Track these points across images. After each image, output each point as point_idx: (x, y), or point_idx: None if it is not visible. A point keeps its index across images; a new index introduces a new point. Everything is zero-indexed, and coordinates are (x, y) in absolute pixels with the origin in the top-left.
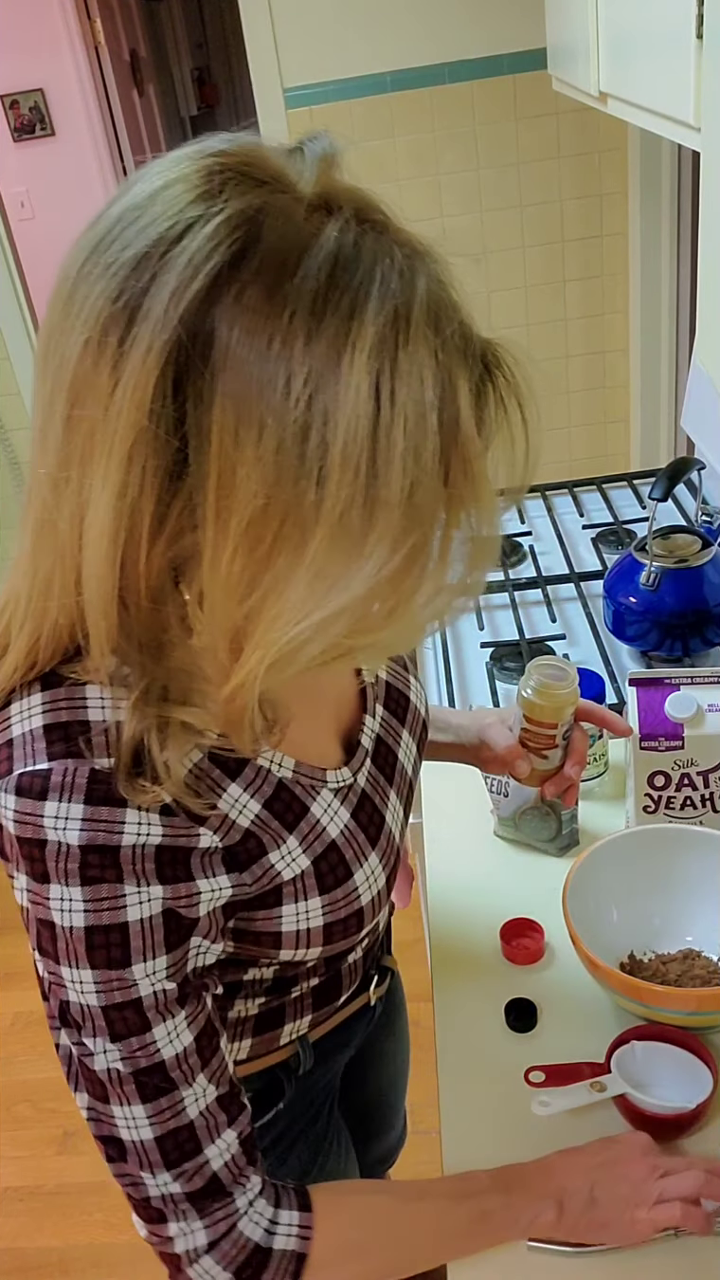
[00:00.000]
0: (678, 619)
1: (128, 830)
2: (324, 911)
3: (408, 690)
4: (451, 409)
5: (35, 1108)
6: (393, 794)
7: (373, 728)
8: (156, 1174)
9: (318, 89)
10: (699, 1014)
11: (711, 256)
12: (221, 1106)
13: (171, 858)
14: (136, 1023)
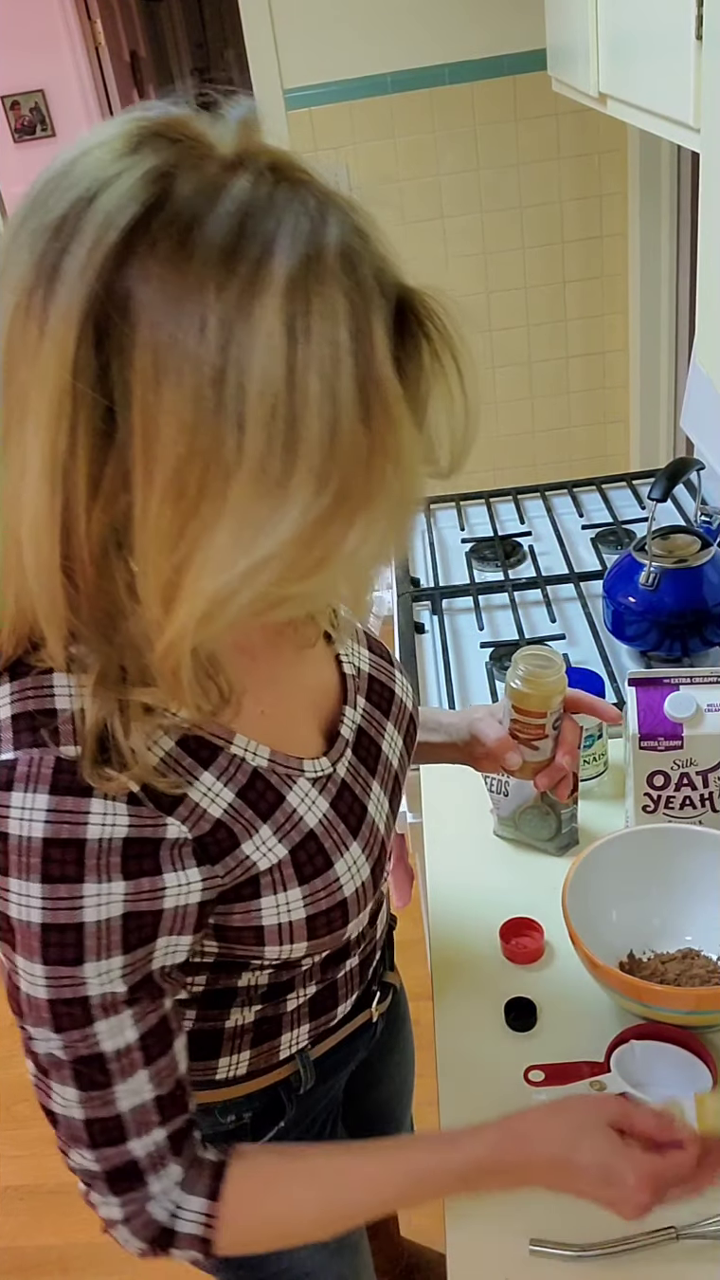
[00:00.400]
0: (677, 619)
1: (92, 822)
2: (305, 903)
3: (392, 684)
4: (367, 350)
5: (36, 1107)
6: (375, 785)
7: (354, 719)
8: (81, 1150)
9: (318, 90)
10: (698, 1013)
11: (711, 257)
12: (158, 1106)
13: (139, 851)
14: (81, 1017)
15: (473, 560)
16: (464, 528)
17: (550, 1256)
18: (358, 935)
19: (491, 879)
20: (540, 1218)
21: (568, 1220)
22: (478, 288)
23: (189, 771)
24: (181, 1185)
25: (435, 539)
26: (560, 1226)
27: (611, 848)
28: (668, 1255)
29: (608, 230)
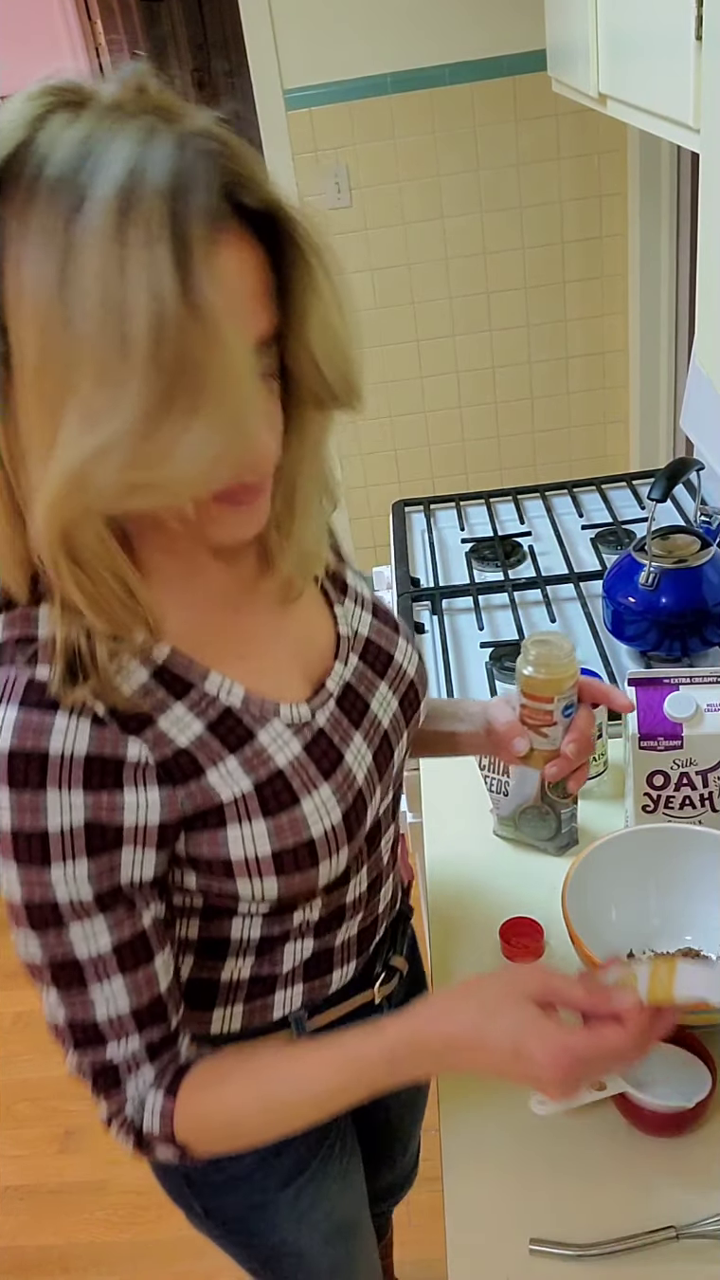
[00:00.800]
0: (677, 619)
1: (54, 736)
2: (270, 836)
3: (392, 649)
4: (188, 262)
5: (36, 1106)
6: (358, 737)
7: (343, 674)
8: (69, 1051)
9: (318, 90)
10: (698, 1013)
11: (711, 257)
12: (135, 1017)
13: (100, 768)
14: (53, 919)
15: (473, 560)
16: (464, 528)
17: (550, 1256)
18: (355, 900)
19: (491, 879)
20: (540, 1218)
21: (568, 1220)
22: (478, 288)
23: (162, 703)
24: (153, 1085)
25: (435, 539)
26: (560, 1226)
27: (611, 848)
28: (668, 1255)
29: (608, 230)
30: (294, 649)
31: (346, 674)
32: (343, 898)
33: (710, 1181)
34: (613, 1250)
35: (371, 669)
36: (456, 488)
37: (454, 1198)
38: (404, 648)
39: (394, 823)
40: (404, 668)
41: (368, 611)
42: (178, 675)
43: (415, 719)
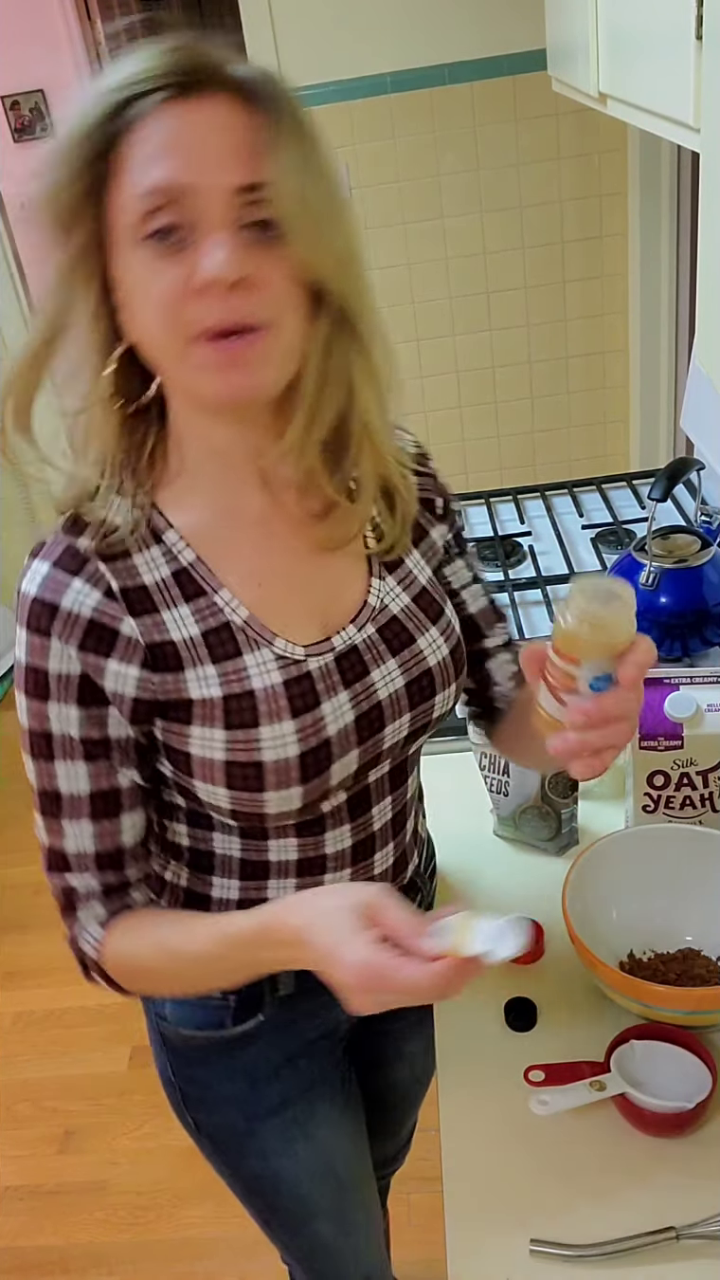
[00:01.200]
0: (677, 619)
1: (68, 594)
2: (225, 747)
3: (417, 635)
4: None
5: (36, 1107)
6: (344, 695)
7: (353, 637)
8: (46, 872)
9: (318, 90)
10: (698, 1013)
11: (711, 257)
12: (95, 859)
13: (98, 633)
14: (45, 750)
15: None
16: (464, 528)
17: (550, 1257)
18: (336, 855)
19: (491, 879)
20: (540, 1218)
21: (568, 1220)
22: (478, 288)
23: (174, 600)
24: (98, 918)
25: None
26: (560, 1226)
27: (611, 848)
28: (668, 1255)
29: (608, 230)
30: (315, 598)
31: (357, 638)
32: (321, 847)
33: (710, 1182)
34: (613, 1250)
35: (386, 643)
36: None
37: (454, 1198)
38: (433, 638)
39: (393, 798)
40: (424, 655)
41: (410, 594)
42: (194, 580)
43: (428, 706)
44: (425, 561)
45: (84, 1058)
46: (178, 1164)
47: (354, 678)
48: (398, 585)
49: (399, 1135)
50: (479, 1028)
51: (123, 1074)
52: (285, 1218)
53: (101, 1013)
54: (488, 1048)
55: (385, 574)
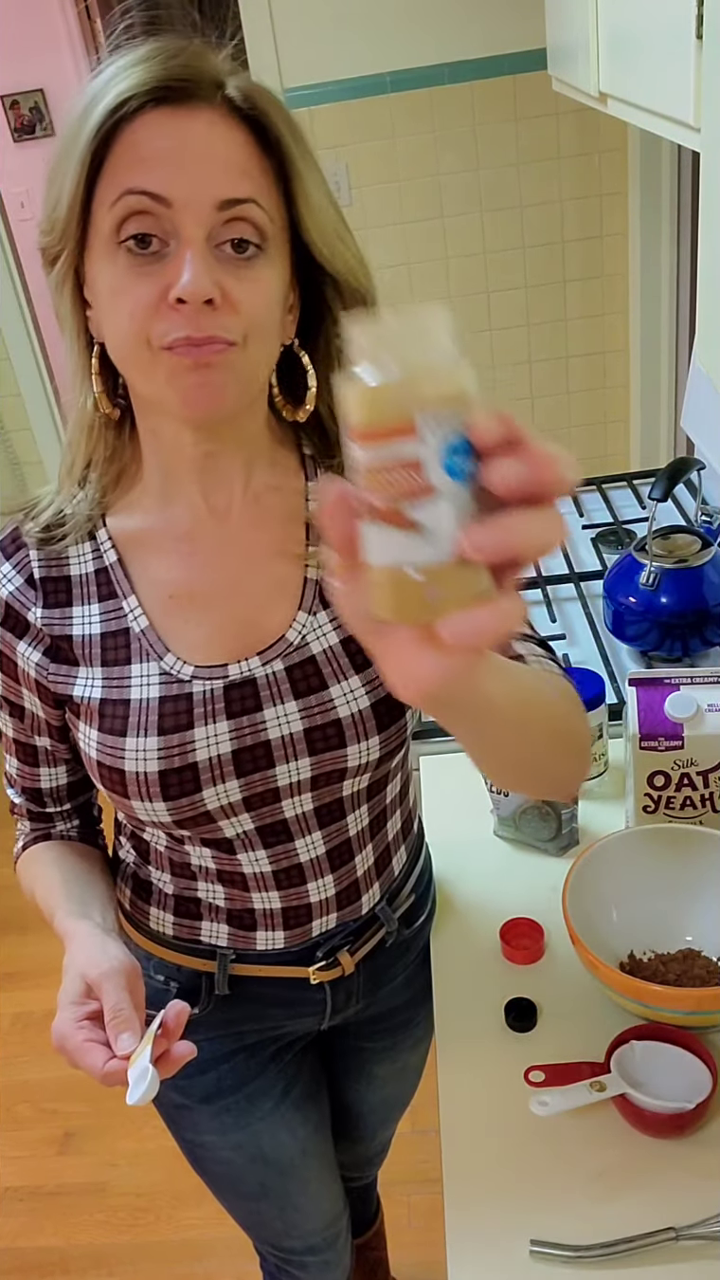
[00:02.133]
0: (677, 619)
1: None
2: (97, 747)
3: (331, 683)
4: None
5: (35, 1108)
6: (224, 725)
7: (254, 669)
8: None
9: (318, 89)
10: (698, 1014)
11: (711, 257)
12: (22, 790)
13: (13, 615)
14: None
15: None
16: None
17: (550, 1257)
18: (255, 876)
19: (492, 880)
20: (540, 1218)
21: (568, 1220)
22: (478, 288)
23: (88, 596)
24: (28, 835)
25: None
26: (560, 1226)
27: (611, 848)
28: (668, 1255)
29: (608, 230)
30: (227, 622)
31: (258, 671)
32: (237, 866)
33: (710, 1182)
34: (612, 1251)
35: (292, 683)
36: None
37: (454, 1198)
38: (351, 687)
39: (324, 834)
40: (333, 703)
41: (340, 634)
42: (111, 581)
43: (335, 755)
44: None
45: None
46: (177, 1165)
47: (241, 710)
48: (329, 623)
49: (369, 1144)
50: (479, 1028)
51: None
52: (222, 1188)
53: None
54: (488, 1048)
55: (320, 609)
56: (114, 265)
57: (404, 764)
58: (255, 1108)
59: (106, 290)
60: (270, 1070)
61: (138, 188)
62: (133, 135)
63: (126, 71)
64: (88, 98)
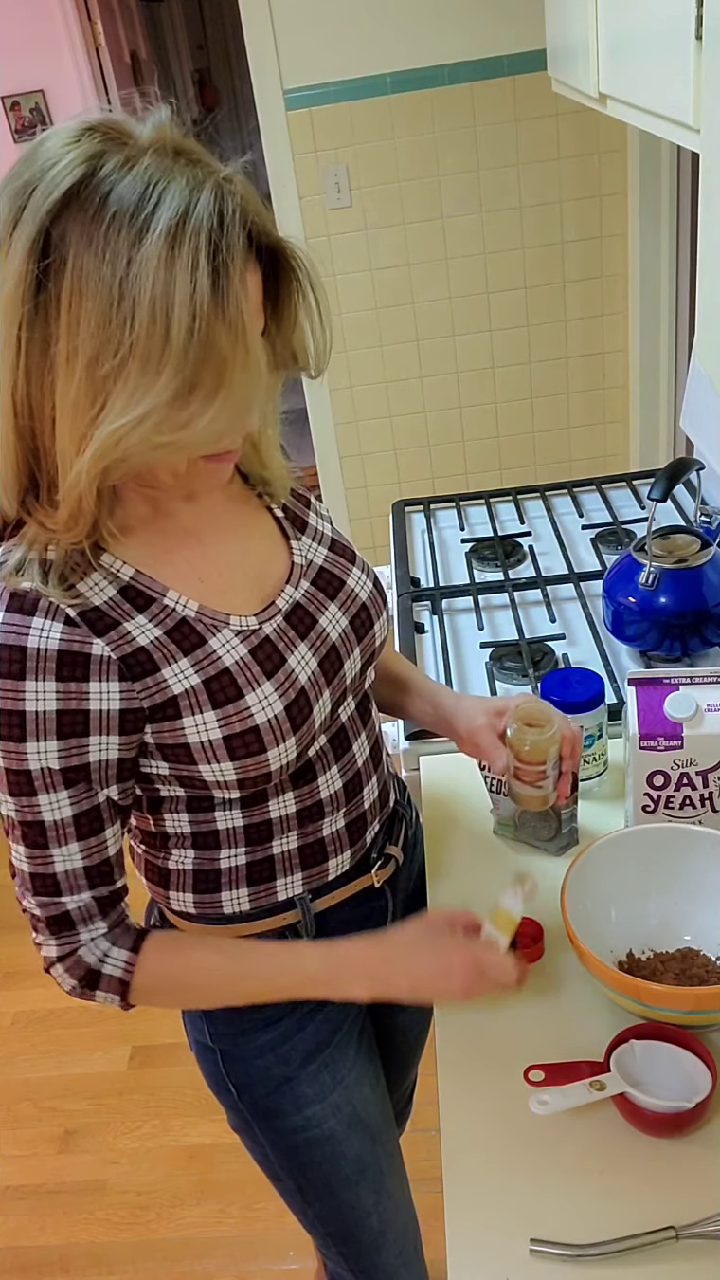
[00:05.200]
0: (677, 619)
1: (31, 634)
2: (219, 724)
3: (344, 576)
4: (224, 280)
5: (36, 1107)
6: (303, 646)
7: (293, 596)
8: (29, 896)
9: (318, 90)
10: (698, 1013)
11: (711, 257)
12: (86, 874)
13: (71, 661)
14: (26, 786)
15: (473, 560)
16: (464, 528)
17: (550, 1257)
18: (331, 797)
19: (492, 879)
20: (540, 1218)
21: (568, 1219)
22: (478, 288)
23: (127, 613)
24: (107, 938)
25: (435, 539)
26: (560, 1226)
27: (611, 848)
28: (668, 1255)
29: (608, 230)
30: (251, 575)
31: (297, 595)
32: (316, 794)
33: (710, 1181)
34: (612, 1250)
35: (322, 592)
36: (456, 488)
37: (454, 1198)
38: (357, 576)
39: (365, 732)
40: (355, 592)
41: (324, 546)
42: (141, 591)
43: (370, 636)
44: (322, 520)
45: (84, 1058)
46: (177, 1164)
47: (306, 629)
48: (312, 541)
49: (401, 1087)
50: (479, 1028)
51: (123, 1074)
52: (322, 1179)
53: (102, 1012)
54: (487, 1047)
55: (299, 535)
56: None
57: None
58: (344, 1058)
59: None
60: (351, 1011)
61: None
62: None
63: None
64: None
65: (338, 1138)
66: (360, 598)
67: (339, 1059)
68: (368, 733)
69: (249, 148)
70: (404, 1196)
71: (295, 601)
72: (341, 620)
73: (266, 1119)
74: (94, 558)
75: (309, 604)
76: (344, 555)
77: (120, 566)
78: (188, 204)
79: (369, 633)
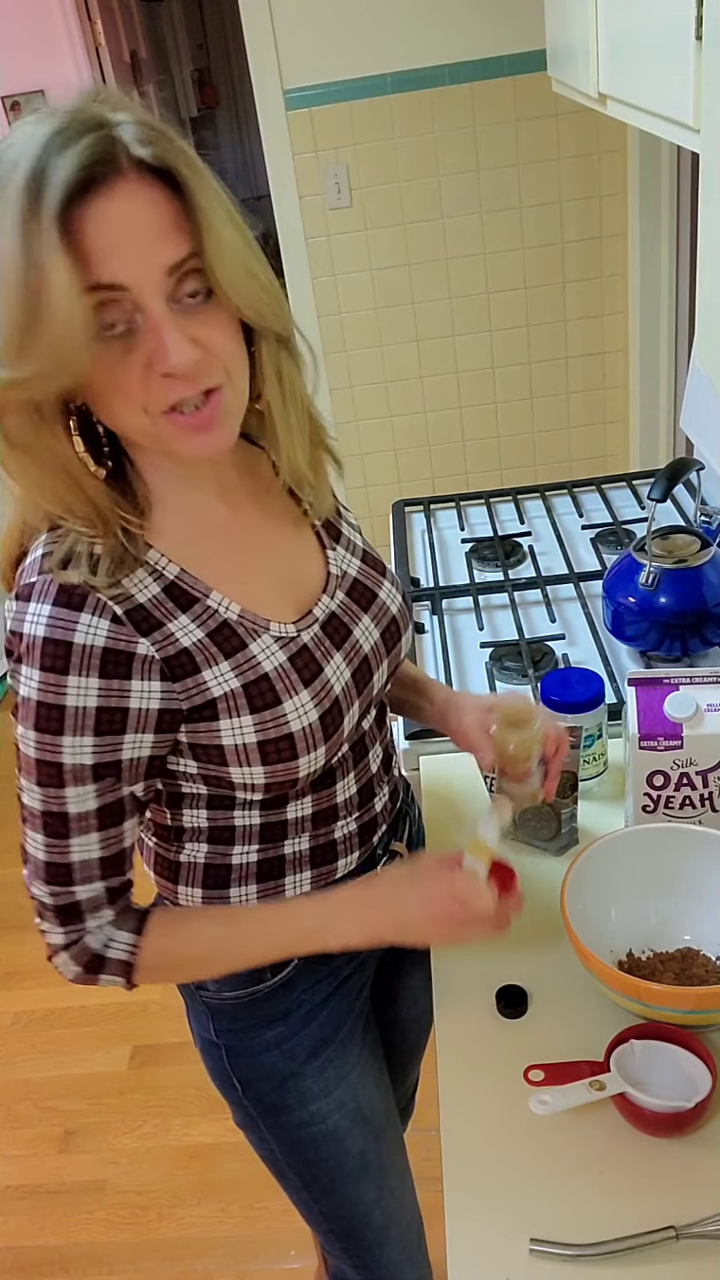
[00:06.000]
0: (677, 619)
1: (79, 630)
2: (255, 729)
3: (377, 589)
4: (29, 224)
5: (36, 1106)
6: (338, 656)
7: (329, 605)
8: (39, 884)
9: (318, 90)
10: (698, 1012)
11: (711, 257)
12: (101, 865)
13: (114, 659)
14: (56, 778)
15: (473, 560)
16: (464, 528)
17: (550, 1256)
18: (346, 801)
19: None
20: (540, 1218)
21: (568, 1220)
22: (478, 288)
23: (170, 613)
24: (113, 924)
25: (435, 539)
26: (560, 1225)
27: (611, 847)
28: (668, 1255)
29: (608, 230)
30: (288, 582)
31: (333, 605)
32: (333, 798)
33: (710, 1181)
34: (613, 1250)
35: (356, 603)
36: (456, 488)
37: (454, 1197)
38: (388, 589)
39: (380, 739)
40: (386, 605)
41: (357, 557)
42: (185, 590)
43: (397, 649)
44: (354, 530)
45: (84, 1057)
46: (177, 1164)
47: (341, 639)
48: (346, 552)
49: (403, 1085)
50: (479, 1028)
51: (123, 1074)
52: (327, 1175)
53: (101, 1012)
54: (488, 1047)
55: (335, 545)
56: (97, 356)
57: None
58: (349, 1053)
59: (92, 375)
60: (356, 1008)
61: (94, 282)
62: (72, 234)
63: (40, 163)
64: (17, 189)
65: (342, 1133)
66: (391, 610)
67: (343, 1055)
68: (382, 739)
69: (249, 148)
70: (408, 1193)
71: (331, 611)
72: (374, 632)
73: (272, 1114)
74: (140, 553)
75: (344, 614)
76: (375, 567)
77: (166, 564)
78: (13, 155)
79: (397, 645)
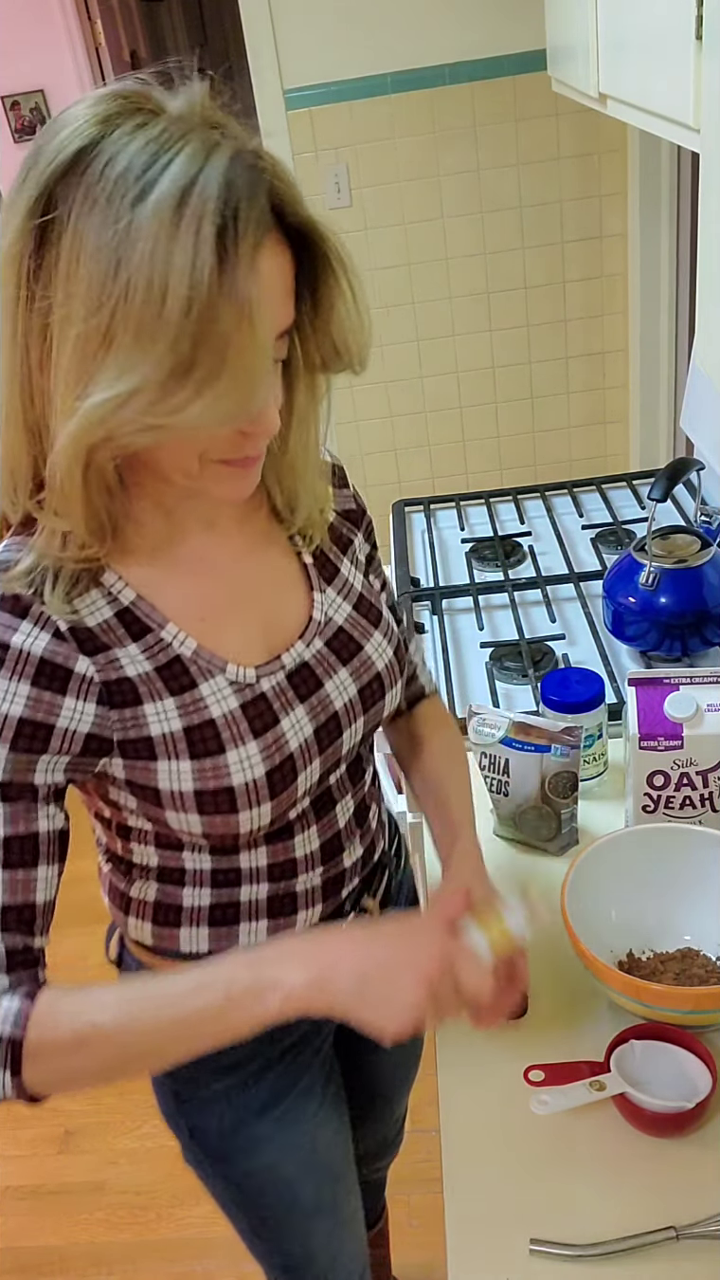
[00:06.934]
0: (677, 619)
1: (18, 635)
2: (194, 776)
3: (363, 642)
4: (230, 257)
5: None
6: (301, 710)
7: (302, 653)
8: None
9: (318, 90)
10: (698, 1013)
11: (711, 257)
12: (2, 913)
13: (50, 671)
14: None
15: (473, 560)
16: (464, 528)
17: (550, 1256)
18: (307, 856)
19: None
20: (540, 1218)
21: (568, 1220)
22: (478, 288)
23: (120, 640)
24: (6, 991)
25: (435, 539)
26: (560, 1225)
27: (611, 848)
28: (668, 1255)
29: (608, 230)
30: (259, 622)
31: (306, 654)
32: (291, 852)
33: (710, 1181)
34: (613, 1250)
35: (335, 654)
36: (456, 488)
37: (454, 1198)
38: (377, 641)
39: (353, 793)
40: (371, 659)
41: (350, 603)
42: (138, 619)
43: (378, 707)
44: (355, 569)
45: None
46: (177, 1164)
47: (308, 692)
48: (338, 596)
49: (388, 1122)
50: None
51: None
52: (276, 1218)
53: None
54: (487, 1047)
55: (325, 586)
56: None
57: None
58: (306, 1107)
59: None
60: (315, 1064)
61: None
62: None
63: (232, 191)
64: (205, 215)
65: (292, 1181)
66: (375, 667)
67: (300, 1109)
68: (354, 793)
69: None
70: (357, 1227)
71: (303, 660)
72: (350, 688)
73: (218, 1163)
74: (96, 575)
75: (318, 665)
76: (368, 616)
77: (121, 588)
78: (198, 169)
79: (378, 703)
